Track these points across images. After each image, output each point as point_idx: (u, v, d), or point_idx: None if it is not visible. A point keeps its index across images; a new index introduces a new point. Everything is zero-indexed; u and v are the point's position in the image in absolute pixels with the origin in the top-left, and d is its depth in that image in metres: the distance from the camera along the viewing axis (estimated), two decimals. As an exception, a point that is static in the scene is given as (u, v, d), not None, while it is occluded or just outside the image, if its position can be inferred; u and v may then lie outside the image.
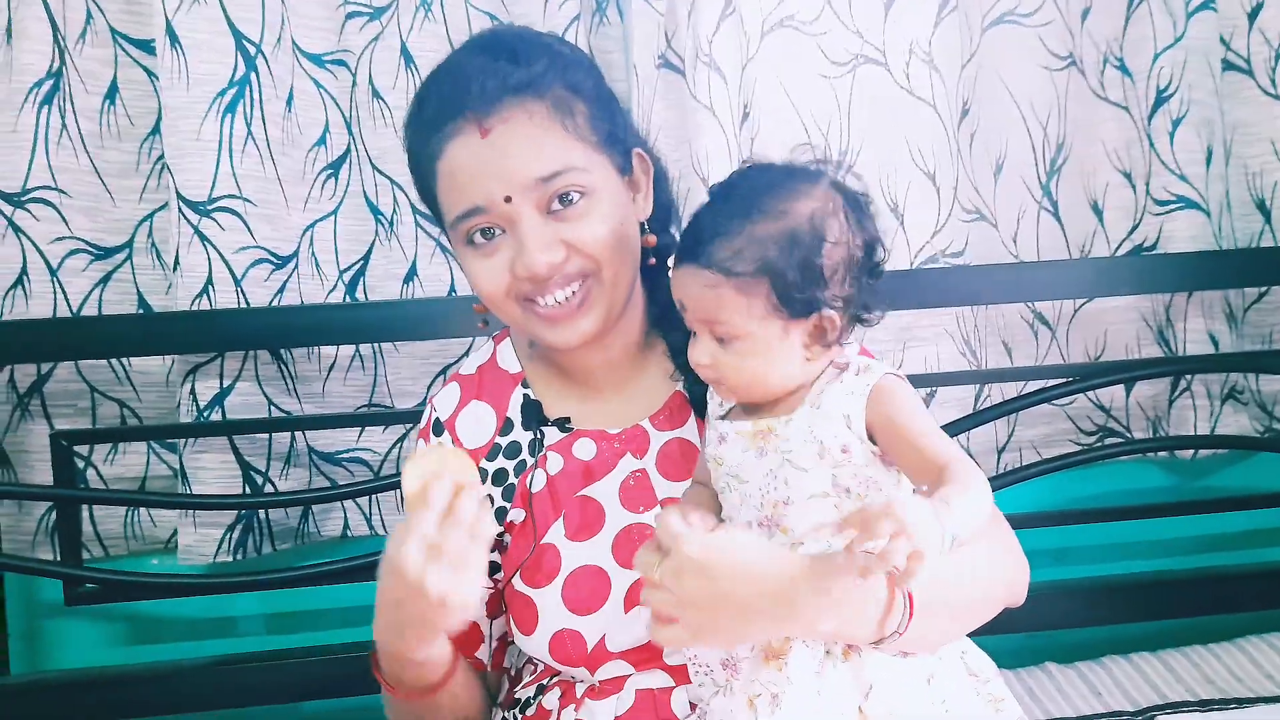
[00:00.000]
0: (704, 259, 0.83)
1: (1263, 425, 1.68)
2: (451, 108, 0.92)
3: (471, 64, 0.93)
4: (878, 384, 0.85)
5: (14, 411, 1.45)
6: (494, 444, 1.04)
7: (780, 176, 0.86)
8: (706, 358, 0.86)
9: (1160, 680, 1.49)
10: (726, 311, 0.83)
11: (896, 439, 0.84)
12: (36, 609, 1.50)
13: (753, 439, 0.87)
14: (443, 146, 0.92)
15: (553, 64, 0.94)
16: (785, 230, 0.82)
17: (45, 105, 1.40)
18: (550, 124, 0.92)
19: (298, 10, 1.46)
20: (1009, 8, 1.62)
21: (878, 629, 0.84)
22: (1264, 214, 1.66)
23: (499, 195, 0.91)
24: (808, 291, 0.82)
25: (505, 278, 0.94)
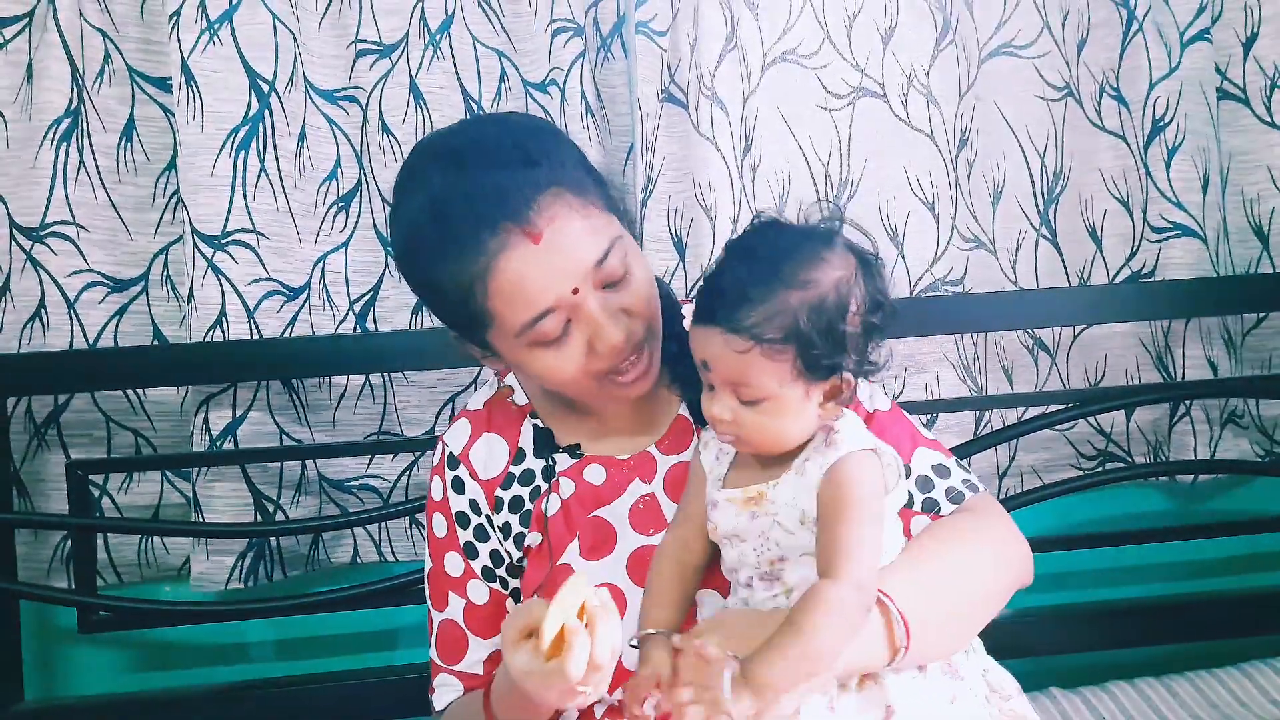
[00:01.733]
0: (733, 324, 0.85)
1: (1263, 450, 1.69)
2: (490, 223, 0.90)
3: (492, 174, 0.91)
4: (836, 463, 0.87)
5: (31, 441, 1.47)
6: (508, 473, 1.06)
7: (799, 239, 0.88)
8: (728, 414, 0.88)
9: (1164, 705, 1.48)
10: (754, 375, 0.85)
11: (821, 524, 0.86)
12: (51, 636, 1.52)
13: (744, 504, 0.90)
14: (492, 264, 0.90)
15: (556, 148, 0.95)
16: (813, 300, 0.85)
17: (64, 142, 1.43)
18: (585, 207, 0.93)
19: (310, 49, 1.49)
20: (1006, 39, 1.64)
21: (888, 650, 0.87)
22: (1261, 240, 1.68)
23: (567, 289, 0.91)
24: (832, 357, 0.86)
25: (581, 361, 0.94)
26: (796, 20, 1.57)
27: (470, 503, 1.06)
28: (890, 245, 1.59)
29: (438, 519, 1.07)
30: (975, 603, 0.95)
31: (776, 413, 0.87)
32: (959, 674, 0.91)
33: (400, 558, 1.55)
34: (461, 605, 1.06)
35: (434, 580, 1.08)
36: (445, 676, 1.07)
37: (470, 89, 1.55)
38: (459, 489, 1.06)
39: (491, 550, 1.06)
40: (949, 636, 0.92)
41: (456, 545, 1.06)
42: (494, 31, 1.55)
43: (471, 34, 1.54)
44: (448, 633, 1.07)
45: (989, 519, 1.01)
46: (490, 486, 1.06)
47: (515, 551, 1.05)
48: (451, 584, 1.06)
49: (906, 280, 1.59)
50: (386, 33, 1.52)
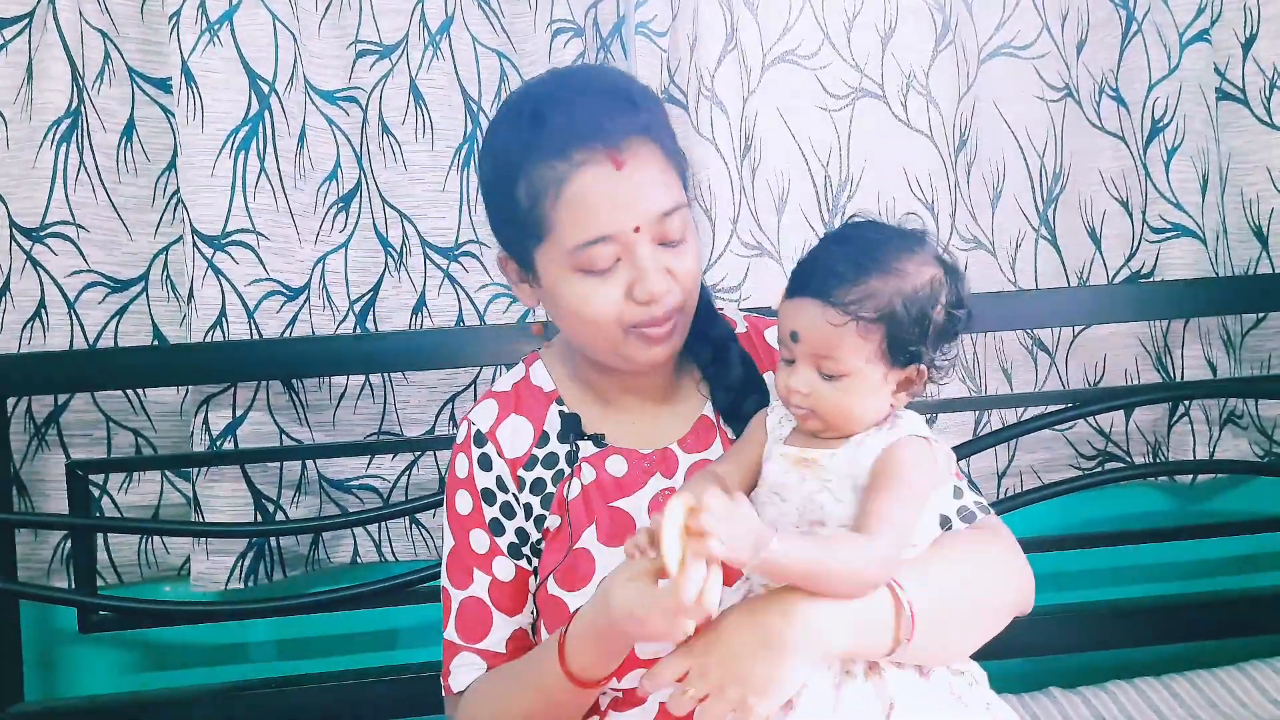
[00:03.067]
0: (831, 298, 0.88)
1: (1262, 449, 1.69)
2: (581, 137, 0.94)
3: (596, 101, 0.96)
4: (894, 441, 0.90)
5: (31, 441, 1.47)
6: (531, 455, 1.07)
7: (893, 235, 0.93)
8: (806, 387, 0.91)
9: (1164, 705, 1.49)
10: (843, 349, 0.89)
11: (868, 493, 0.89)
12: (51, 636, 1.52)
13: (796, 463, 0.92)
14: (572, 173, 0.94)
15: (659, 112, 1.01)
16: (908, 287, 0.89)
17: (64, 143, 1.43)
18: (666, 165, 0.98)
19: (310, 49, 1.50)
20: (1005, 40, 1.65)
21: (893, 638, 0.87)
22: (1261, 240, 1.68)
23: (630, 225, 0.95)
24: (916, 345, 0.89)
25: (618, 303, 0.97)
26: (796, 21, 1.57)
27: (497, 479, 1.06)
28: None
29: (462, 496, 1.07)
30: (975, 613, 0.95)
31: (854, 390, 0.90)
32: (964, 701, 0.92)
33: (400, 558, 1.55)
34: (487, 582, 1.05)
35: (456, 558, 1.07)
36: (466, 656, 1.06)
37: (470, 90, 1.55)
38: (486, 466, 1.06)
39: (517, 528, 1.06)
40: (947, 641, 0.93)
41: (482, 522, 1.06)
42: (494, 32, 1.55)
43: (471, 34, 1.54)
44: (470, 610, 1.06)
45: (997, 540, 1.01)
46: (514, 465, 1.06)
47: (535, 533, 1.06)
48: (476, 560, 1.06)
49: (906, 280, 1.59)
50: (386, 33, 1.52)
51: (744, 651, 0.85)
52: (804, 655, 0.85)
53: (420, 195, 1.54)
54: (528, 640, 1.07)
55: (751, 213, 1.55)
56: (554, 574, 1.03)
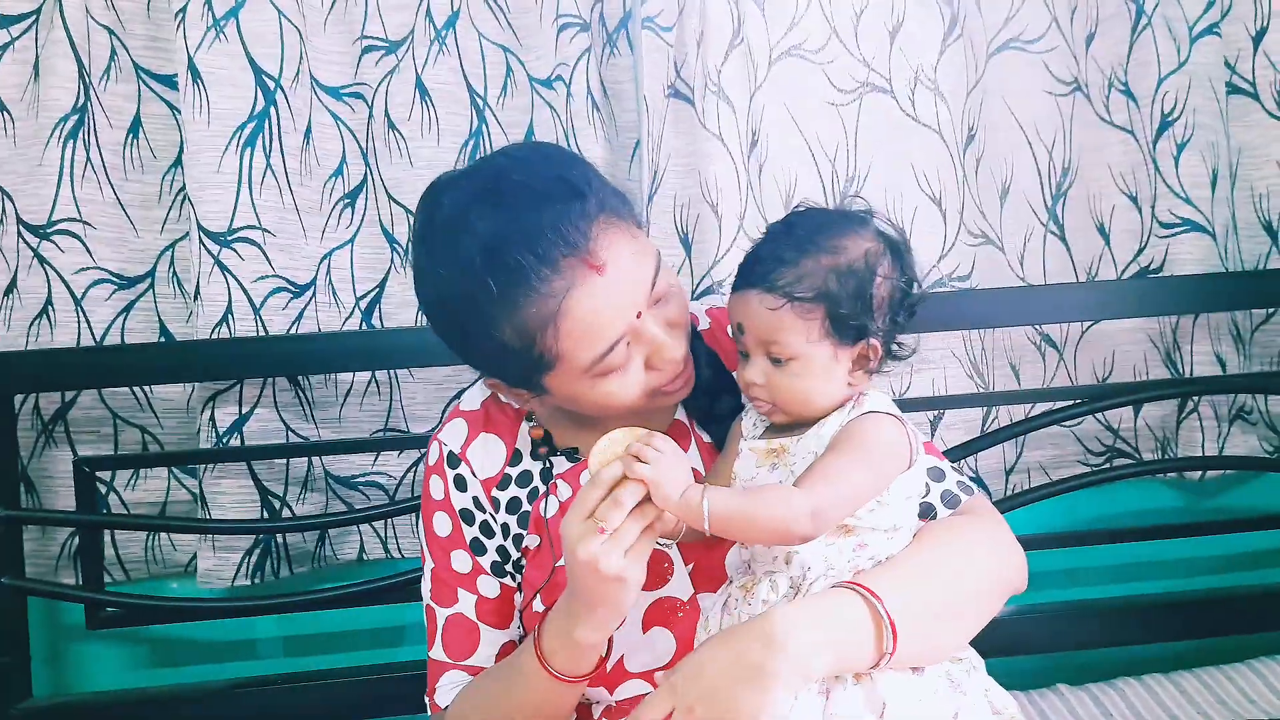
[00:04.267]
0: (767, 283, 0.90)
1: (1271, 446, 1.68)
2: (553, 262, 0.88)
3: (546, 210, 0.89)
4: (858, 417, 0.91)
5: (38, 438, 1.47)
6: (505, 474, 1.06)
7: (835, 218, 0.95)
8: (760, 377, 0.92)
9: (1173, 702, 1.48)
10: (785, 332, 0.90)
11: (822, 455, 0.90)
12: (59, 632, 1.53)
13: (765, 455, 0.93)
14: (561, 303, 0.89)
15: (593, 174, 0.94)
16: (842, 263, 0.90)
17: (70, 139, 1.43)
18: (630, 229, 0.93)
19: (316, 45, 1.49)
20: (1013, 34, 1.64)
21: (874, 651, 0.87)
22: (1270, 235, 1.67)
23: (633, 316, 0.92)
24: (858, 319, 0.90)
25: (643, 381, 0.95)
26: (803, 16, 1.57)
27: (474, 500, 1.06)
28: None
29: (440, 518, 1.07)
30: (964, 604, 0.95)
31: (805, 373, 0.91)
32: (961, 689, 0.92)
33: (406, 554, 1.55)
34: (473, 600, 1.06)
35: (439, 578, 1.07)
36: (453, 674, 1.06)
37: (476, 85, 1.55)
38: (461, 487, 1.06)
39: (498, 546, 1.06)
40: (934, 639, 0.92)
41: (463, 543, 1.06)
42: (500, 27, 1.55)
43: (477, 30, 1.54)
44: (457, 628, 1.06)
45: (980, 522, 1.00)
46: (488, 486, 1.06)
47: (514, 551, 1.05)
48: (460, 580, 1.06)
49: (913, 276, 1.59)
50: (392, 29, 1.52)
51: (725, 684, 0.85)
52: (786, 683, 0.85)
53: (426, 191, 1.54)
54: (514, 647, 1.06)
55: (758, 208, 1.54)
56: (540, 593, 1.02)
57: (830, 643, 0.86)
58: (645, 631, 0.98)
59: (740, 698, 0.84)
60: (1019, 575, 1.02)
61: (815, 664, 0.85)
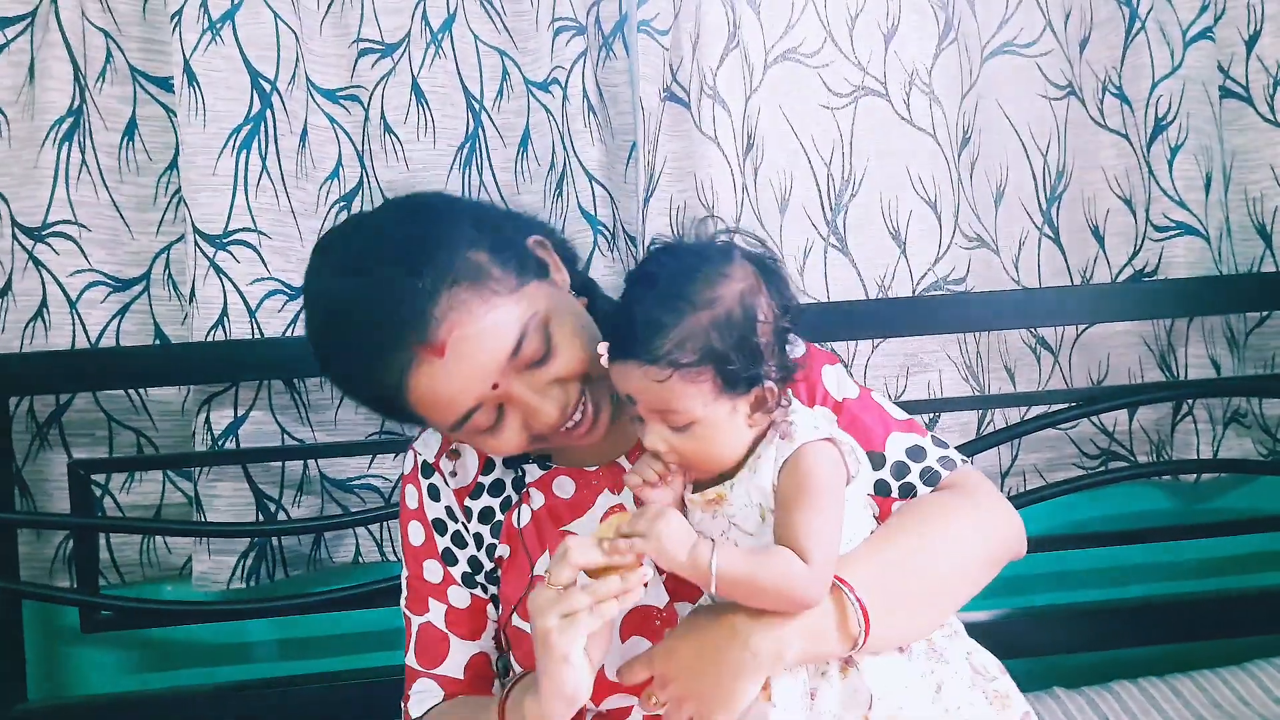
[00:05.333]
0: (647, 355, 0.85)
1: (1266, 449, 1.69)
2: (388, 346, 0.87)
3: (384, 290, 0.87)
4: (794, 453, 0.87)
5: (33, 441, 1.47)
6: (477, 482, 1.06)
7: (696, 260, 0.89)
8: (663, 444, 0.89)
9: (1168, 705, 1.49)
10: (678, 400, 0.86)
11: (780, 513, 0.87)
12: (54, 635, 1.52)
13: (705, 506, 0.91)
14: (403, 380, 0.88)
15: (436, 237, 0.90)
16: (719, 317, 0.85)
17: (66, 142, 1.43)
18: (487, 299, 0.88)
19: (312, 48, 1.49)
20: (1008, 38, 1.64)
21: (845, 636, 0.87)
22: (1264, 239, 1.67)
23: (486, 388, 0.90)
24: (749, 370, 0.86)
25: (522, 437, 0.94)
26: (798, 19, 1.57)
27: (447, 509, 1.06)
28: (893, 244, 1.59)
29: (414, 526, 1.07)
30: (944, 583, 0.94)
31: (707, 435, 0.88)
32: (944, 658, 0.91)
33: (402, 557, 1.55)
34: (443, 610, 1.06)
35: (413, 586, 1.07)
36: (424, 682, 1.06)
37: (472, 88, 1.55)
38: (435, 496, 1.06)
39: (470, 557, 1.06)
40: (917, 619, 0.91)
41: (435, 552, 1.06)
42: (496, 30, 1.55)
43: (473, 33, 1.54)
44: (428, 636, 1.06)
45: (963, 494, 0.99)
46: (460, 495, 1.05)
47: (488, 562, 1.05)
48: (431, 590, 1.06)
49: (909, 279, 1.59)
50: (388, 32, 1.52)
51: (695, 669, 0.86)
52: (758, 668, 0.85)
53: (422, 194, 1.54)
54: (487, 667, 1.07)
55: (754, 211, 1.55)
56: (515, 608, 1.02)
57: (798, 632, 0.86)
58: (624, 640, 0.97)
59: (706, 683, 0.85)
60: (1013, 541, 1.01)
61: (787, 650, 0.86)
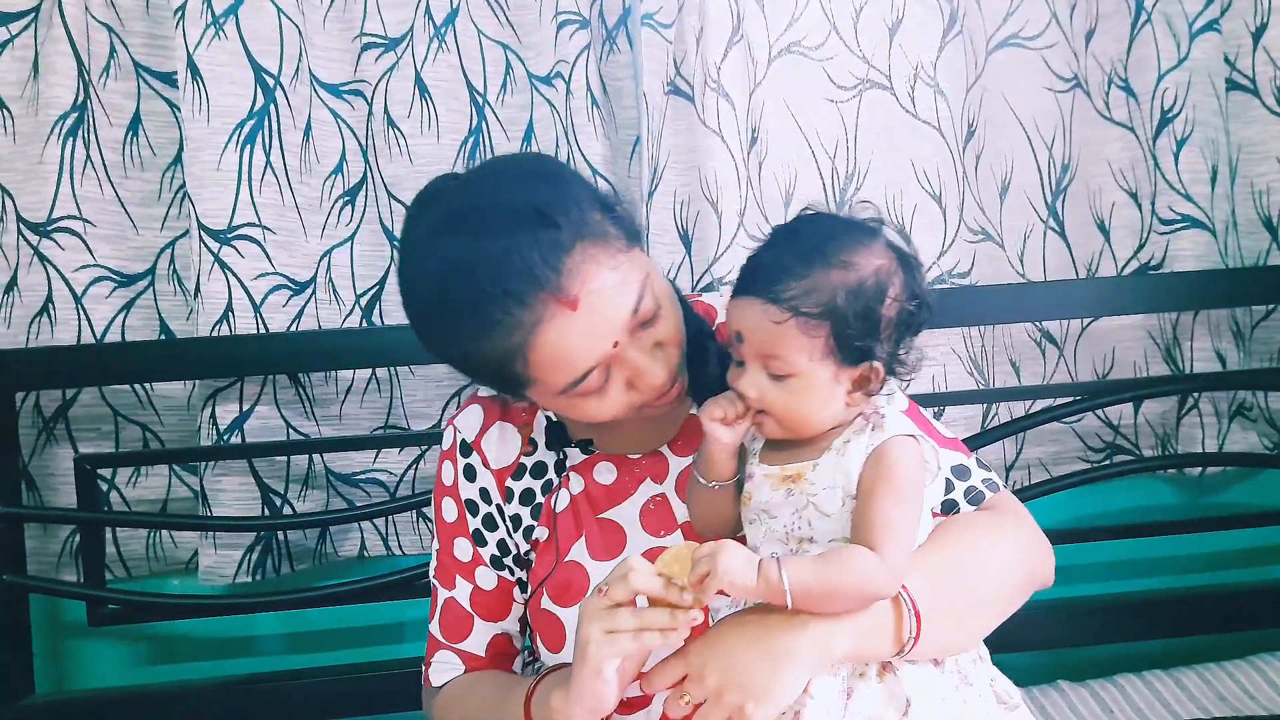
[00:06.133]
0: (772, 295, 0.86)
1: (1271, 442, 1.68)
2: (520, 297, 0.86)
3: (512, 245, 0.86)
4: (883, 444, 0.88)
5: (39, 436, 1.48)
6: (520, 464, 1.06)
7: (845, 227, 0.90)
8: (754, 390, 0.88)
9: (1173, 698, 1.49)
10: (786, 348, 0.86)
11: (861, 501, 0.87)
12: (60, 629, 1.53)
13: (781, 482, 0.90)
14: (530, 338, 0.87)
15: (572, 196, 0.90)
16: (853, 280, 0.86)
17: (70, 137, 1.43)
18: (612, 256, 0.89)
19: (315, 43, 1.49)
20: (1013, 30, 1.64)
21: (895, 639, 0.87)
22: (1270, 231, 1.67)
23: (608, 347, 0.90)
24: (864, 341, 0.86)
25: (624, 400, 0.94)
26: (803, 12, 1.57)
27: (481, 491, 1.06)
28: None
29: (448, 504, 1.08)
30: (988, 599, 0.95)
31: (803, 391, 0.87)
32: (969, 680, 0.92)
33: (407, 551, 1.55)
34: (469, 589, 1.07)
35: (442, 560, 1.08)
36: (446, 654, 1.08)
37: (476, 82, 1.54)
38: (470, 476, 1.06)
39: (499, 540, 1.06)
40: (960, 631, 0.92)
41: (466, 531, 1.06)
42: (499, 24, 1.55)
43: (477, 27, 1.54)
44: (453, 612, 1.07)
45: (1007, 516, 1.00)
46: (501, 476, 1.06)
47: (524, 544, 1.05)
48: (460, 568, 1.07)
49: (913, 273, 1.59)
50: (392, 26, 1.52)
51: (743, 657, 0.85)
52: (804, 662, 0.85)
53: (426, 188, 1.53)
54: (509, 646, 1.08)
55: (758, 205, 1.54)
56: (546, 588, 1.02)
57: (851, 627, 0.85)
58: None
59: (755, 671, 0.84)
60: (1046, 570, 1.02)
61: (835, 647, 0.85)
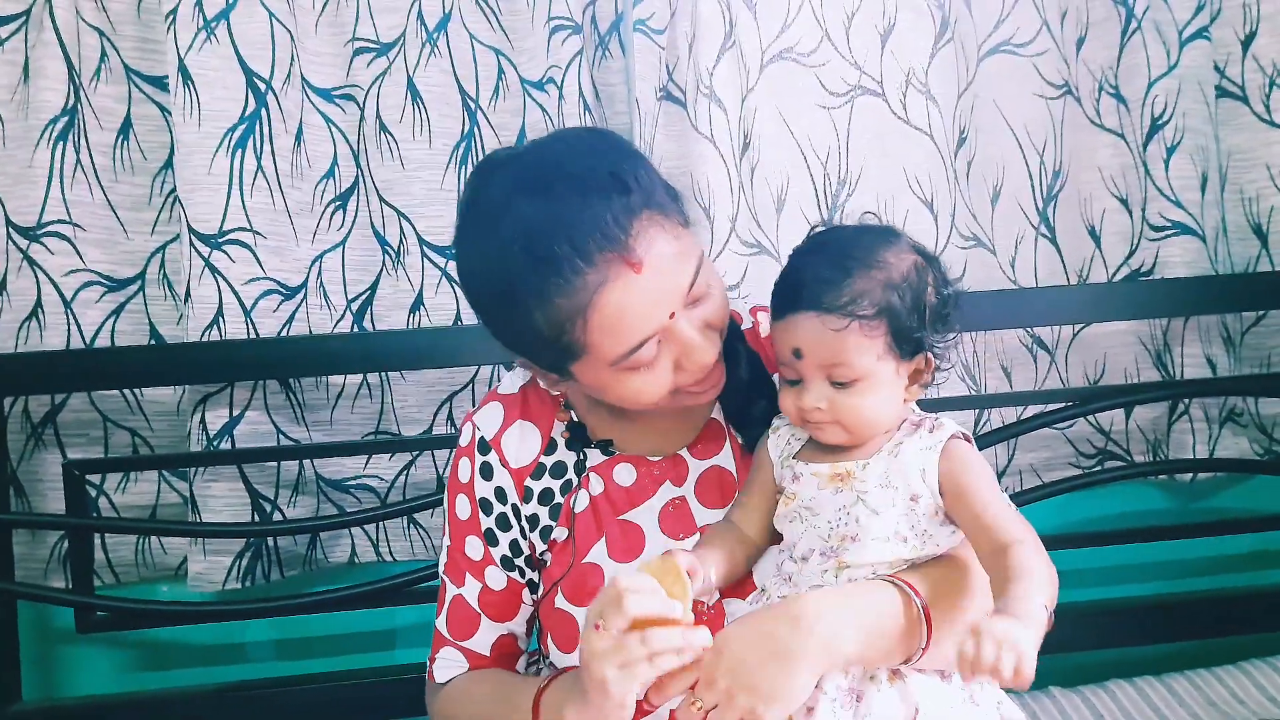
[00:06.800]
0: (825, 305, 0.87)
1: (1262, 448, 1.69)
2: (589, 256, 0.87)
3: (590, 200, 0.87)
4: (949, 443, 0.90)
5: (28, 441, 1.47)
6: (539, 463, 1.06)
7: (866, 233, 0.93)
8: (823, 402, 0.89)
9: (1163, 704, 1.49)
10: (851, 352, 0.88)
11: (961, 502, 0.89)
12: (49, 636, 1.52)
13: (829, 480, 0.92)
14: (593, 297, 0.88)
15: (643, 168, 0.92)
16: (897, 277, 0.89)
17: (60, 141, 1.43)
18: (674, 228, 0.91)
19: (307, 47, 1.49)
20: (1004, 37, 1.64)
21: (904, 646, 0.87)
22: (1260, 238, 1.68)
23: (665, 316, 0.91)
24: (919, 332, 0.89)
25: (669, 380, 0.94)
26: (795, 19, 1.57)
27: (496, 490, 1.05)
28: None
29: (461, 500, 1.07)
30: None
31: (870, 391, 0.89)
32: (975, 700, 0.92)
33: (398, 557, 1.55)
34: (478, 588, 1.06)
35: (453, 556, 1.08)
36: (451, 650, 1.07)
37: (468, 87, 1.54)
38: (487, 475, 1.06)
39: (511, 540, 1.06)
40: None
41: (478, 530, 1.06)
42: (491, 30, 1.55)
43: (469, 32, 1.54)
44: (460, 609, 1.07)
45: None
46: (520, 475, 1.05)
47: (540, 544, 1.05)
48: (470, 566, 1.06)
49: (905, 279, 1.59)
50: (384, 31, 1.52)
51: (753, 660, 0.85)
52: (813, 663, 0.85)
53: (418, 193, 1.53)
54: (513, 646, 1.08)
55: (750, 211, 1.55)
56: (561, 588, 1.02)
57: (860, 629, 0.86)
58: None
59: (765, 674, 0.84)
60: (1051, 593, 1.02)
61: (843, 648, 0.85)
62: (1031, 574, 0.83)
